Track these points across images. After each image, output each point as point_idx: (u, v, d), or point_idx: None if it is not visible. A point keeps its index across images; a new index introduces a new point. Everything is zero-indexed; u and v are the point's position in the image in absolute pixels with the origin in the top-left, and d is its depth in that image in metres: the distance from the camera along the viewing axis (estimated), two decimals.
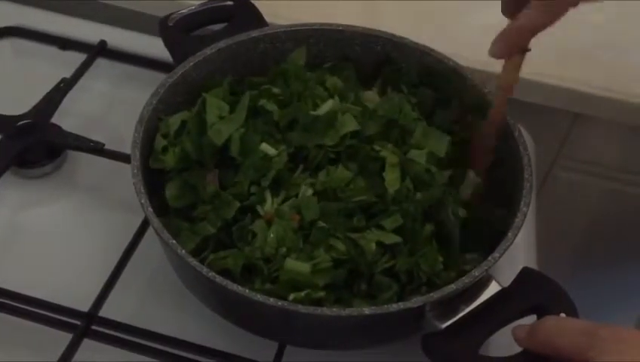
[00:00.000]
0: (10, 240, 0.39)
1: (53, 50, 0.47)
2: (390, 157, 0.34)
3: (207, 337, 0.34)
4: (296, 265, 0.31)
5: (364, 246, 0.31)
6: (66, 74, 0.45)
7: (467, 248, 0.33)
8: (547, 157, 0.54)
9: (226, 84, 0.37)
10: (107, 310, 0.35)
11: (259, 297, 0.29)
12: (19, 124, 0.41)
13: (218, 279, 0.29)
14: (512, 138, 0.35)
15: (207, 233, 0.33)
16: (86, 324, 0.34)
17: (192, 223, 0.34)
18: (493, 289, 0.31)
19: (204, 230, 0.33)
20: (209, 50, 0.38)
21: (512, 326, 0.30)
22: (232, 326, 0.33)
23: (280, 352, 0.33)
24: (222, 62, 0.38)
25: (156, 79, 0.38)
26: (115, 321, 0.34)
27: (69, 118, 0.43)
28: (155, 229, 0.31)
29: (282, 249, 0.31)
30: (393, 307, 0.29)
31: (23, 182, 0.41)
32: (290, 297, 0.30)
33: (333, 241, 0.31)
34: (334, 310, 0.29)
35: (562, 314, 0.30)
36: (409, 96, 0.38)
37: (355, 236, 0.32)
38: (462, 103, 0.38)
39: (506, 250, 0.31)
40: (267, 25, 0.41)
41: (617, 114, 0.49)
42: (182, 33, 0.40)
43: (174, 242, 0.30)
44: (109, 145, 0.40)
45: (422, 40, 0.40)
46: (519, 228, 0.32)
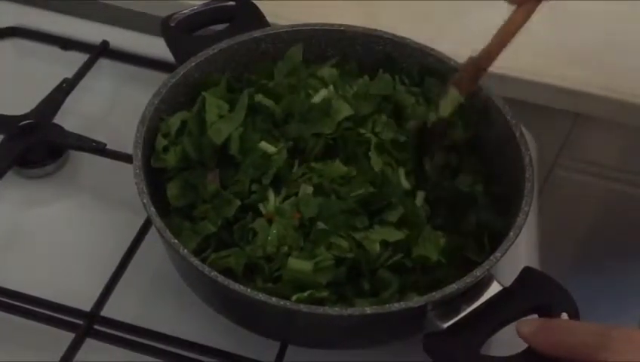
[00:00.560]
0: (12, 240, 0.39)
1: (55, 51, 0.48)
2: (374, 139, 0.34)
3: (210, 336, 0.34)
4: (299, 263, 0.31)
5: (368, 247, 0.31)
6: (68, 74, 0.45)
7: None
8: (548, 158, 0.54)
9: (224, 82, 0.37)
10: (109, 309, 0.35)
11: (261, 296, 0.29)
12: (21, 124, 0.41)
13: (220, 278, 0.29)
14: (514, 138, 0.36)
15: (208, 232, 0.33)
16: (88, 324, 0.34)
17: (193, 222, 0.34)
18: (494, 288, 0.31)
19: (205, 229, 0.33)
20: (211, 50, 0.38)
21: (514, 325, 0.30)
22: (234, 325, 0.33)
23: (282, 351, 0.34)
24: (223, 62, 0.38)
25: (158, 79, 0.38)
26: (117, 321, 0.34)
27: (71, 118, 0.43)
28: (157, 229, 0.31)
29: (284, 247, 0.31)
30: (395, 306, 0.29)
31: (25, 182, 0.41)
32: (293, 298, 0.30)
33: (334, 239, 0.32)
34: (336, 309, 0.29)
35: (564, 313, 0.30)
36: (411, 88, 0.38)
37: (358, 236, 0.32)
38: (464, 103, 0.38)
39: (507, 249, 0.31)
40: (269, 25, 0.41)
41: (618, 114, 0.49)
42: (184, 33, 0.40)
43: (176, 242, 0.30)
44: (110, 145, 0.41)
45: (423, 40, 0.40)
46: (521, 227, 0.32)
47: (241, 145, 0.34)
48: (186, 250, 0.30)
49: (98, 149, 0.40)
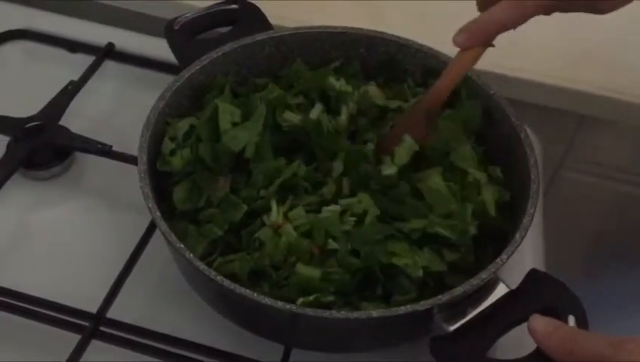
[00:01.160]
0: (18, 242, 0.39)
1: (61, 53, 0.48)
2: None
3: (215, 338, 0.34)
4: (308, 270, 0.31)
5: (410, 271, 0.31)
6: (74, 76, 0.45)
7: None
8: (554, 159, 0.53)
9: (228, 86, 0.37)
10: (115, 311, 0.35)
11: (267, 300, 0.29)
12: (27, 125, 0.42)
13: (226, 283, 0.29)
14: (519, 139, 0.35)
15: (214, 236, 0.33)
16: (94, 325, 0.34)
17: (199, 226, 0.34)
18: (501, 291, 0.31)
19: (211, 232, 0.33)
20: (214, 53, 0.38)
21: (521, 328, 0.30)
22: (239, 327, 0.33)
23: (287, 353, 0.33)
24: (227, 65, 0.39)
25: (163, 81, 0.38)
26: (122, 322, 0.34)
27: (77, 120, 0.43)
28: (162, 233, 0.31)
29: (292, 257, 0.31)
30: (401, 310, 0.29)
31: (31, 184, 0.41)
32: (299, 301, 0.30)
33: (349, 259, 0.31)
34: (343, 313, 0.29)
35: (571, 316, 0.29)
36: (415, 89, 0.38)
37: (400, 262, 0.31)
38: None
39: (513, 251, 0.31)
40: (272, 28, 0.41)
41: (624, 115, 0.49)
42: (187, 36, 0.40)
43: (182, 246, 0.30)
44: (116, 147, 0.41)
45: (427, 42, 0.40)
46: (527, 229, 0.32)
47: (256, 152, 0.34)
48: (191, 255, 0.30)
49: (104, 151, 0.41)
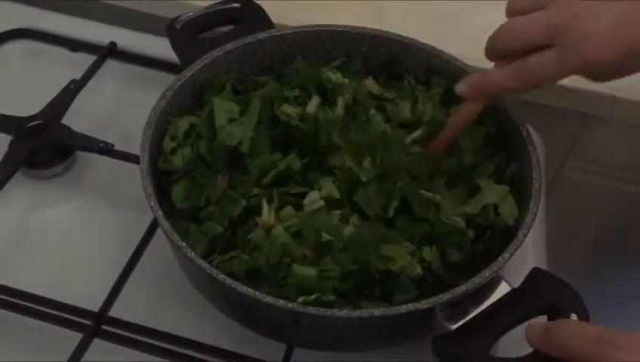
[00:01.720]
0: (20, 241, 0.39)
1: (63, 52, 0.48)
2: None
3: (216, 337, 0.34)
4: (303, 269, 0.31)
5: (409, 269, 0.31)
6: (76, 75, 0.45)
7: None
8: (556, 158, 0.53)
9: (229, 84, 0.37)
10: (117, 310, 0.35)
11: (269, 299, 0.29)
12: (29, 125, 0.42)
13: (228, 281, 0.29)
14: (521, 138, 0.35)
15: (215, 233, 0.33)
16: (96, 324, 0.34)
17: (199, 224, 0.34)
18: (503, 290, 0.31)
19: (212, 229, 0.33)
20: (216, 52, 0.38)
21: (523, 326, 0.30)
22: (241, 326, 0.33)
23: (289, 352, 0.33)
24: (229, 64, 0.39)
25: (165, 80, 0.38)
26: (124, 321, 0.34)
27: (79, 119, 0.43)
28: (164, 232, 0.31)
29: (287, 259, 0.31)
30: (403, 308, 0.29)
31: (34, 183, 0.41)
32: (300, 300, 0.30)
33: (343, 255, 0.31)
34: (344, 312, 0.29)
35: (573, 314, 0.29)
36: (418, 87, 0.38)
37: (398, 262, 0.31)
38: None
39: (516, 250, 0.31)
40: (274, 26, 0.41)
41: (627, 114, 0.48)
42: (189, 36, 0.40)
43: (184, 244, 0.30)
44: (118, 146, 0.41)
45: (429, 41, 0.40)
46: (529, 228, 0.32)
47: (252, 147, 0.34)
48: (193, 253, 0.30)
49: (106, 150, 0.41)
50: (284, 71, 0.39)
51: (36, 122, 0.42)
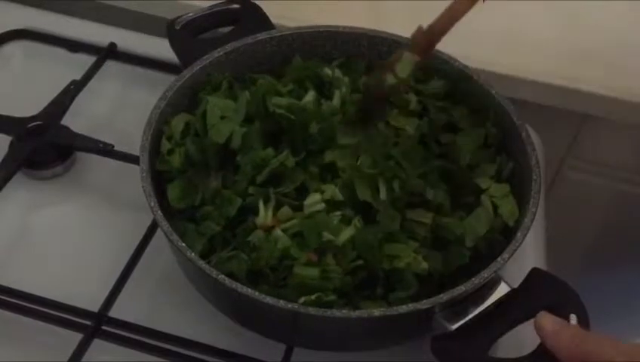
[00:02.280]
0: (20, 241, 0.39)
1: (63, 53, 0.48)
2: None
3: (216, 337, 0.34)
4: (305, 270, 0.31)
5: (414, 267, 0.31)
6: (76, 76, 0.45)
7: None
8: (555, 159, 0.53)
9: (225, 83, 0.37)
10: (117, 310, 0.35)
11: (269, 300, 0.29)
12: (29, 125, 0.42)
13: (228, 282, 0.29)
14: (520, 138, 0.35)
15: (212, 232, 0.33)
16: (96, 324, 0.34)
17: (197, 224, 0.34)
18: (502, 290, 0.31)
19: (209, 229, 0.33)
20: (216, 53, 0.38)
21: (523, 327, 0.30)
22: (241, 326, 0.33)
23: (288, 352, 0.34)
24: (229, 64, 0.39)
25: (165, 81, 0.38)
26: (124, 321, 0.34)
27: (78, 120, 0.43)
28: (164, 232, 0.31)
29: (287, 261, 0.31)
30: (402, 308, 0.29)
31: (34, 183, 0.41)
32: (301, 301, 0.30)
33: (343, 251, 0.31)
34: (344, 312, 0.29)
35: (572, 315, 0.29)
36: (417, 86, 0.38)
37: (401, 265, 0.31)
38: (468, 103, 0.38)
39: (515, 250, 0.31)
40: (274, 27, 0.41)
41: (626, 115, 0.49)
42: (189, 36, 0.40)
43: (184, 245, 0.31)
44: (118, 147, 0.41)
45: None
46: (528, 228, 0.32)
47: (242, 143, 0.34)
48: (193, 253, 0.30)
49: (106, 151, 0.41)
50: (283, 71, 0.39)
51: (36, 123, 0.42)
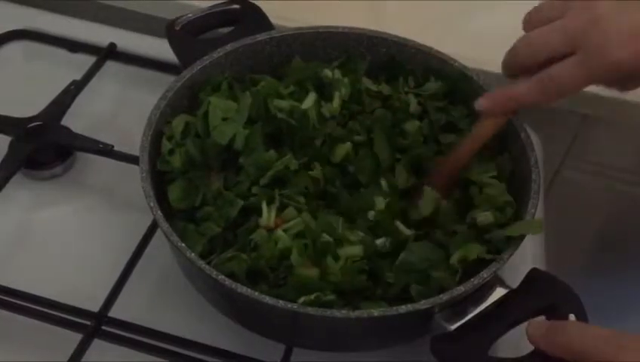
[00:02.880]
0: (20, 241, 0.39)
1: (63, 53, 0.48)
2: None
3: (216, 337, 0.34)
4: (305, 270, 0.31)
5: (445, 284, 0.31)
6: (76, 76, 0.45)
7: None
8: (555, 159, 0.53)
9: (225, 83, 0.37)
10: (117, 310, 0.35)
11: (268, 300, 0.29)
12: (29, 125, 0.42)
13: (227, 282, 0.29)
14: (519, 139, 0.35)
15: (212, 233, 0.33)
16: (96, 324, 0.34)
17: (197, 225, 0.34)
18: (501, 290, 0.31)
19: (210, 230, 0.33)
20: (216, 53, 0.38)
21: (522, 327, 0.30)
22: (241, 326, 0.33)
23: (288, 352, 0.34)
24: (228, 65, 0.39)
25: (165, 81, 0.38)
26: (124, 321, 0.35)
27: (78, 120, 0.43)
28: (164, 233, 0.31)
29: (287, 261, 0.31)
30: (402, 309, 0.29)
31: (34, 184, 0.41)
32: (300, 301, 0.30)
33: (345, 250, 0.31)
34: (343, 312, 0.29)
35: (571, 315, 0.30)
36: (417, 90, 0.38)
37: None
38: (468, 105, 0.38)
39: (514, 250, 0.31)
40: (273, 28, 0.41)
41: (625, 115, 0.48)
42: (189, 37, 0.40)
43: (183, 245, 0.31)
44: (118, 147, 0.41)
45: (429, 41, 0.40)
46: None
47: (246, 144, 0.34)
48: (193, 254, 0.30)
49: (105, 151, 0.41)
50: (283, 71, 0.39)
51: (36, 123, 0.42)
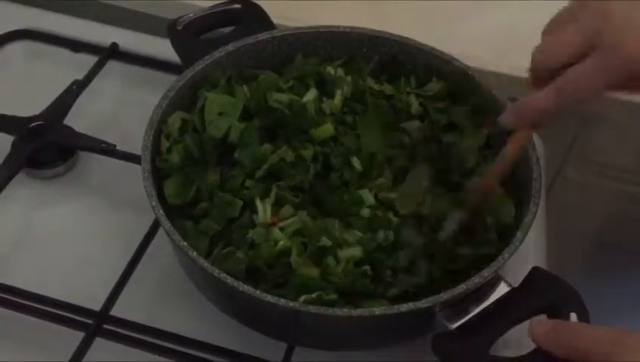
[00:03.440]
0: (22, 240, 0.39)
1: (65, 53, 0.48)
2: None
3: (217, 336, 0.34)
4: (307, 269, 0.31)
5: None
6: (78, 76, 0.45)
7: None
8: (556, 158, 0.53)
9: (224, 80, 0.37)
10: (118, 309, 0.35)
11: (270, 298, 0.29)
12: (31, 125, 0.42)
13: (229, 280, 0.29)
14: None
15: (213, 231, 0.33)
16: (98, 323, 0.34)
17: (195, 222, 0.34)
18: (503, 289, 0.31)
19: (210, 228, 0.33)
20: (217, 53, 0.38)
21: (523, 326, 0.30)
22: (242, 325, 0.33)
23: (289, 351, 0.34)
24: (230, 64, 0.39)
25: (167, 81, 0.38)
26: (126, 320, 0.35)
27: (80, 120, 0.43)
28: (166, 231, 0.31)
29: (285, 259, 0.31)
30: (403, 307, 0.29)
31: (36, 183, 0.42)
32: (302, 299, 0.30)
33: (345, 252, 0.31)
34: (345, 310, 0.29)
35: (573, 314, 0.30)
36: (419, 90, 0.39)
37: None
38: (470, 104, 0.38)
39: (515, 249, 0.31)
40: (275, 27, 0.41)
41: (626, 115, 0.48)
42: (190, 36, 0.40)
43: (186, 244, 0.31)
44: (120, 146, 0.41)
45: (431, 41, 0.40)
46: (529, 227, 0.32)
47: (241, 138, 0.34)
48: (195, 253, 0.30)
49: (108, 150, 0.41)
50: (285, 71, 0.39)
51: (38, 122, 0.42)
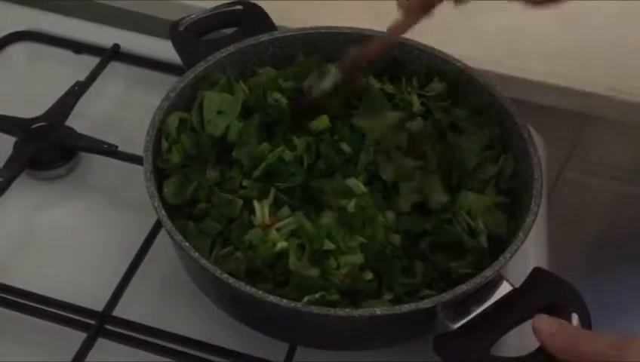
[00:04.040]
0: (24, 241, 0.39)
1: (67, 54, 0.48)
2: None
3: (219, 336, 0.34)
4: (305, 270, 0.31)
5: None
6: (80, 77, 0.45)
7: None
8: (557, 159, 0.54)
9: (225, 80, 0.37)
10: (120, 310, 0.35)
11: (272, 299, 0.29)
12: (33, 126, 0.42)
13: (231, 281, 0.29)
14: (522, 139, 0.36)
15: (214, 231, 0.33)
16: (100, 324, 0.34)
17: (196, 222, 0.34)
18: (504, 289, 0.31)
19: (211, 228, 0.33)
20: (219, 54, 0.38)
21: (524, 326, 0.30)
22: (244, 325, 0.33)
23: (291, 351, 0.34)
24: (232, 65, 0.39)
25: (168, 82, 0.38)
26: (128, 321, 0.35)
27: (82, 121, 0.43)
28: (168, 232, 0.31)
29: (284, 259, 0.31)
30: (405, 307, 0.29)
31: (38, 184, 0.42)
32: (305, 299, 0.30)
33: (346, 258, 0.32)
34: (347, 311, 0.29)
35: (574, 314, 0.30)
36: (421, 90, 0.39)
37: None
38: (470, 104, 0.38)
39: (517, 250, 0.31)
40: (276, 29, 0.41)
41: (628, 115, 0.49)
42: (192, 37, 0.41)
43: (188, 245, 0.31)
44: (122, 147, 0.41)
45: (432, 42, 0.40)
46: (530, 227, 0.32)
47: (239, 137, 0.34)
48: (197, 253, 0.30)
49: (109, 151, 0.41)
50: (286, 69, 0.39)
51: (40, 124, 0.42)
